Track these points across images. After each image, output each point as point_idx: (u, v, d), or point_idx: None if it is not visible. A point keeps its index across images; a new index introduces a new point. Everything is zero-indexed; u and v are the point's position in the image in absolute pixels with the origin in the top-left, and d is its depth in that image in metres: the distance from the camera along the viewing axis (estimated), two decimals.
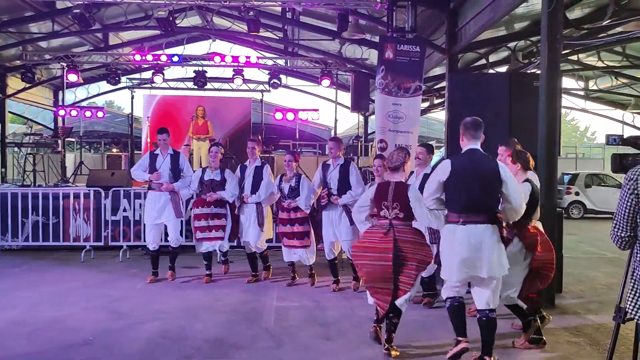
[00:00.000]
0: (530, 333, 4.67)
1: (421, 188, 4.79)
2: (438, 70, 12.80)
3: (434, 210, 4.39)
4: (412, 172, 5.91)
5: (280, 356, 4.45)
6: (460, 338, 4.26)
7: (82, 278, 7.25)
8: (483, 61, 12.32)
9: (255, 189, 6.87)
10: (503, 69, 12.70)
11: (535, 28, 8.56)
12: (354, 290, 6.58)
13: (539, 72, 6.57)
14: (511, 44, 11.34)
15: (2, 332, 4.92)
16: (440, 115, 20.33)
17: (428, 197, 4.37)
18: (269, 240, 7.42)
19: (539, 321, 4.71)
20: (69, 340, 4.71)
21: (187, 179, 7.10)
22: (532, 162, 5.04)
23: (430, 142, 23.01)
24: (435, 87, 15.56)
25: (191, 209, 7.33)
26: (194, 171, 7.36)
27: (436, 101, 17.31)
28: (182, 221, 7.27)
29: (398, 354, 4.46)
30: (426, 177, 5.34)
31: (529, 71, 10.79)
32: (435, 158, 7.38)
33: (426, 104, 16.96)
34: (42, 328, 5.05)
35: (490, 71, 12.22)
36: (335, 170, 6.57)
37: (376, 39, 10.85)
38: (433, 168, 5.39)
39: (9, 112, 16.59)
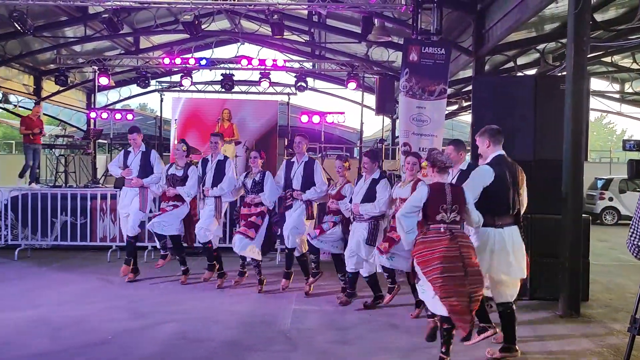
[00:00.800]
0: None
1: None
2: (467, 73, 12.64)
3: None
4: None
5: None
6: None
7: (106, 278, 7.37)
8: (511, 64, 12.10)
9: (216, 182, 6.99)
10: (532, 71, 12.46)
11: (565, 30, 8.37)
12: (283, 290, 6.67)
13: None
14: (540, 46, 11.11)
15: (26, 331, 5.04)
16: (470, 118, 20.05)
17: (472, 200, 4.40)
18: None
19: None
20: (89, 340, 4.79)
21: (157, 175, 7.33)
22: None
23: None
24: (463, 90, 15.36)
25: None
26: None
27: (465, 104, 17.07)
28: (142, 215, 7.48)
29: None
30: (462, 173, 5.26)
31: (557, 74, 10.55)
32: None
33: (454, 107, 16.76)
34: (64, 327, 5.15)
35: (519, 74, 11.99)
36: (300, 167, 6.72)
37: (402, 41, 10.78)
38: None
39: (44, 114, 17.02)
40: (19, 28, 9.70)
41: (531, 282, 6.42)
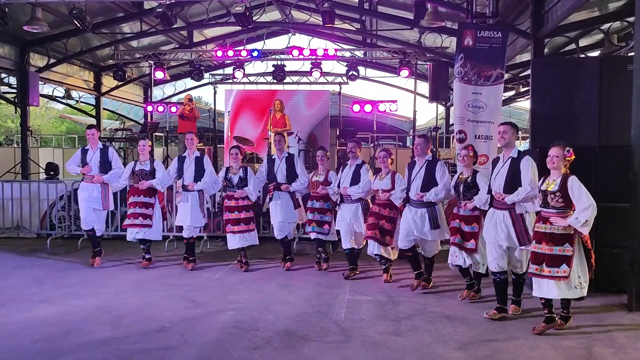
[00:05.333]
0: None
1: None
2: (525, 57, 12.17)
3: None
4: (497, 158, 5.61)
5: (348, 351, 4.40)
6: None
7: (165, 267, 7.59)
8: (573, 46, 11.55)
9: (197, 178, 7.45)
10: (596, 53, 11.84)
11: (632, 7, 7.90)
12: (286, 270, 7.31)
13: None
14: (604, 26, 10.53)
15: (90, 318, 5.22)
16: (527, 104, 19.37)
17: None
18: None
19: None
20: (148, 327, 4.91)
21: (117, 170, 7.63)
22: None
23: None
24: (521, 74, 14.82)
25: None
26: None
27: (522, 89, 16.48)
28: (107, 212, 7.94)
29: None
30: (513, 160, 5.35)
31: (624, 54, 9.99)
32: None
33: (511, 93, 16.21)
34: (125, 314, 5.31)
35: (581, 56, 11.44)
36: (282, 163, 7.40)
37: (457, 26, 10.48)
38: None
39: (104, 108, 17.64)
40: (79, 25, 10.03)
41: (596, 274, 6.12)
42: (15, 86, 13.12)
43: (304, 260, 7.83)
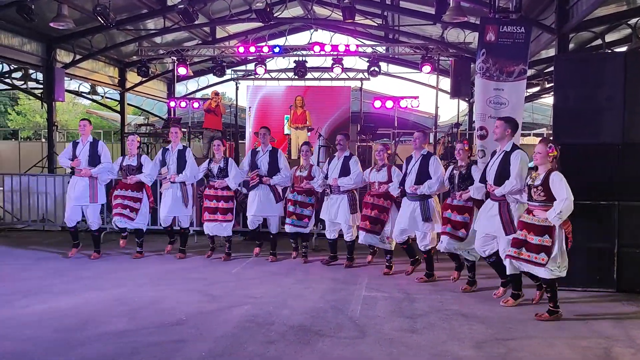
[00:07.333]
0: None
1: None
2: (550, 53, 11.95)
3: None
4: (495, 151, 5.91)
5: (362, 347, 4.38)
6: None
7: (183, 261, 7.68)
8: (599, 41, 11.30)
9: (180, 170, 7.71)
10: (623, 49, 11.56)
11: None
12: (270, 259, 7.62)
13: None
14: (632, 21, 10.28)
15: (108, 309, 5.31)
16: (552, 100, 19.03)
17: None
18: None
19: None
20: (164, 320, 4.97)
21: (105, 165, 7.73)
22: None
23: (540, 130, 21.66)
24: (545, 70, 14.57)
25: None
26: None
27: (547, 85, 16.19)
28: (101, 205, 8.02)
29: None
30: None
31: None
32: None
33: (536, 89, 15.95)
34: (142, 307, 5.38)
35: (606, 52, 11.18)
36: (265, 156, 7.61)
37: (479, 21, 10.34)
38: None
39: (128, 104, 17.86)
40: (103, 22, 10.16)
41: (619, 274, 6.02)
42: (42, 82, 13.37)
43: (321, 256, 7.85)
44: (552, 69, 13.72)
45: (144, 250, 7.97)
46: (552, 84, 14.37)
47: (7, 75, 14.33)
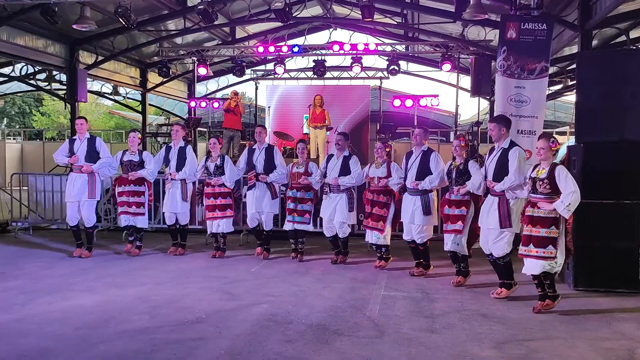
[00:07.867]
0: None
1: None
2: (573, 50, 11.76)
3: None
4: (492, 148, 6.05)
5: (380, 346, 4.37)
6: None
7: (203, 259, 7.75)
8: (623, 37, 11.08)
9: (180, 167, 7.80)
10: None
11: None
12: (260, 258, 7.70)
13: None
14: None
15: (129, 307, 5.37)
16: (574, 98, 18.70)
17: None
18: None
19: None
20: (184, 318, 5.01)
21: (106, 160, 7.77)
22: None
23: (563, 128, 21.32)
24: (568, 67, 14.34)
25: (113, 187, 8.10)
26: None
27: (570, 83, 15.93)
28: (96, 202, 7.99)
29: None
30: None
31: None
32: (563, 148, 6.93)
33: (559, 87, 15.70)
34: (163, 305, 5.43)
35: (631, 48, 10.96)
36: (261, 154, 7.69)
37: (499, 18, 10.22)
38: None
39: (150, 104, 18.05)
40: (124, 23, 10.27)
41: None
42: (65, 83, 13.58)
43: (321, 256, 7.87)
44: (574, 66, 13.51)
45: (142, 246, 8.10)
46: (575, 82, 14.15)
47: (31, 77, 14.60)
